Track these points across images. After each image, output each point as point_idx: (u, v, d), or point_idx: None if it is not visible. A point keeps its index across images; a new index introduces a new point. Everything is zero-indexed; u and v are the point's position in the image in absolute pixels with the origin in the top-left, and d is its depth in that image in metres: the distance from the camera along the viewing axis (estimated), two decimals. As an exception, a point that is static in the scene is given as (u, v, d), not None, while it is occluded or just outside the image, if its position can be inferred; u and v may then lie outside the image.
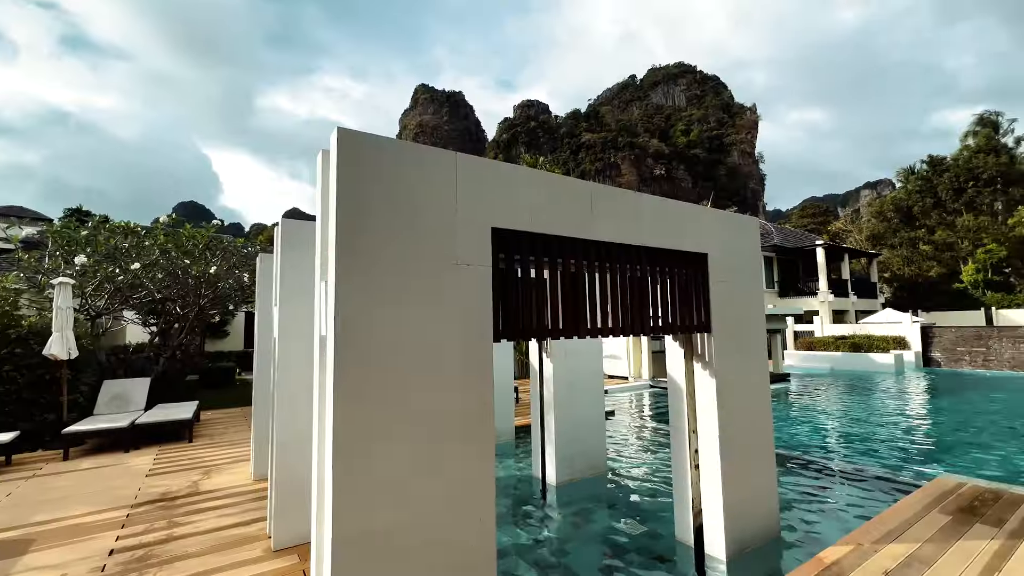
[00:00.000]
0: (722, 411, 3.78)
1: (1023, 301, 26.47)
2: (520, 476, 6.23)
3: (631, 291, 3.44)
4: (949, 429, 9.32)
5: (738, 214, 4.19)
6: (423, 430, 2.30)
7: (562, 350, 5.68)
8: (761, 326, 4.20)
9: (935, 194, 33.07)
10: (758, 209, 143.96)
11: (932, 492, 4.76)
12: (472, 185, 2.62)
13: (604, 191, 3.24)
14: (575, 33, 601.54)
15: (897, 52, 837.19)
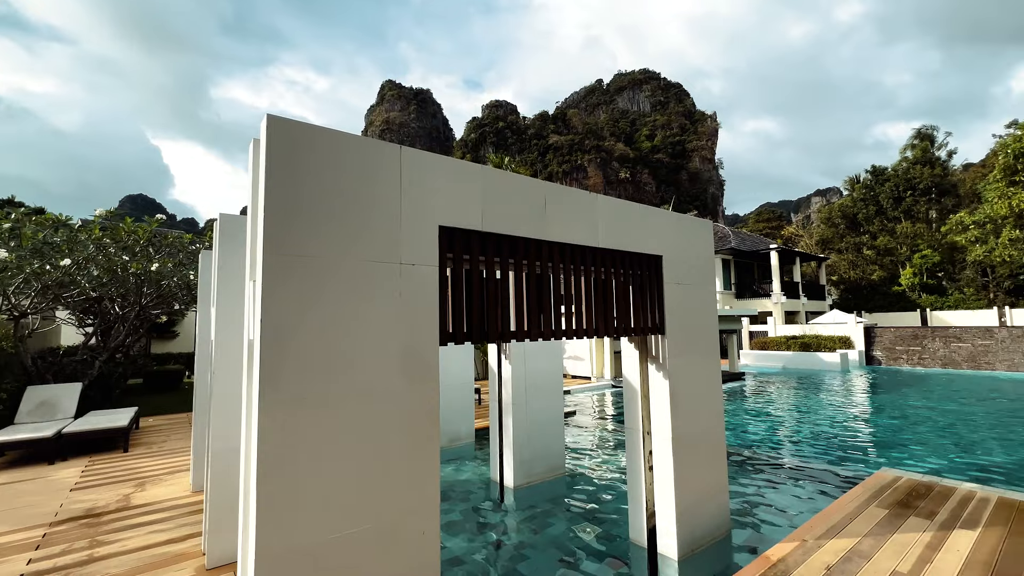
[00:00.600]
0: (675, 412, 3.80)
1: (953, 303, 28.54)
2: (479, 480, 6.12)
3: (585, 293, 3.40)
4: (889, 424, 9.85)
5: (692, 216, 4.23)
6: (359, 441, 2.16)
7: (521, 352, 5.61)
8: (714, 328, 4.26)
9: (877, 202, 35.20)
10: (718, 214, 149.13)
11: (872, 486, 4.97)
12: (418, 181, 2.50)
13: (558, 191, 3.18)
14: (541, 35, 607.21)
15: (842, 68, 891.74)
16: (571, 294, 3.28)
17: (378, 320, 2.27)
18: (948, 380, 16.10)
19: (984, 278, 28.15)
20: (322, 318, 2.11)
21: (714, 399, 4.17)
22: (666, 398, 3.78)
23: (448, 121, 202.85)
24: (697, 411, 4.00)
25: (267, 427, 1.93)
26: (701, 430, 4.01)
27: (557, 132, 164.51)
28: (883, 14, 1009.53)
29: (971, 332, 18.72)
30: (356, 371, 2.18)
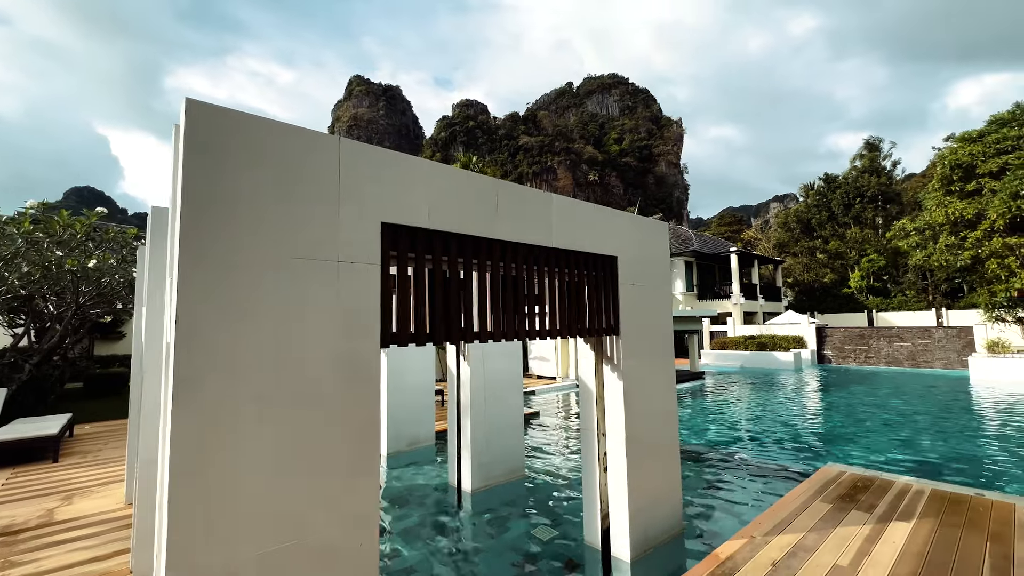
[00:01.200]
0: (629, 413, 3.80)
1: (897, 305, 30.29)
2: (437, 484, 5.99)
3: (539, 294, 3.34)
4: (837, 421, 10.29)
5: (647, 218, 4.26)
6: (289, 450, 2.03)
7: (480, 353, 5.53)
8: (668, 329, 4.30)
9: (829, 208, 37.01)
10: (682, 217, 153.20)
11: (818, 481, 5.14)
12: (359, 175, 2.38)
13: (511, 189, 3.12)
14: (511, 36, 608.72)
15: (796, 80, 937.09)
16: (526, 295, 3.22)
17: (312, 321, 2.14)
18: (891, 378, 17.03)
19: (924, 281, 30.00)
20: (247, 319, 1.97)
21: (668, 399, 4.21)
22: (620, 399, 3.78)
23: (418, 119, 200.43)
24: (651, 412, 4.02)
25: (180, 436, 1.77)
26: (655, 430, 4.04)
27: (528, 133, 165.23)
28: (834, 29, 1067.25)
29: (912, 332, 19.88)
30: (286, 375, 2.05)
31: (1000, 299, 16.44)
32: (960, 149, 16.41)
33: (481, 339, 2.99)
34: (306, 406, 2.08)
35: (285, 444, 2.01)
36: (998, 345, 16.36)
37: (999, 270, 15.38)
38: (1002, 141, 15.54)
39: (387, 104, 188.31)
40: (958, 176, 16.35)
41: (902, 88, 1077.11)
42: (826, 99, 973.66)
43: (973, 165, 15.96)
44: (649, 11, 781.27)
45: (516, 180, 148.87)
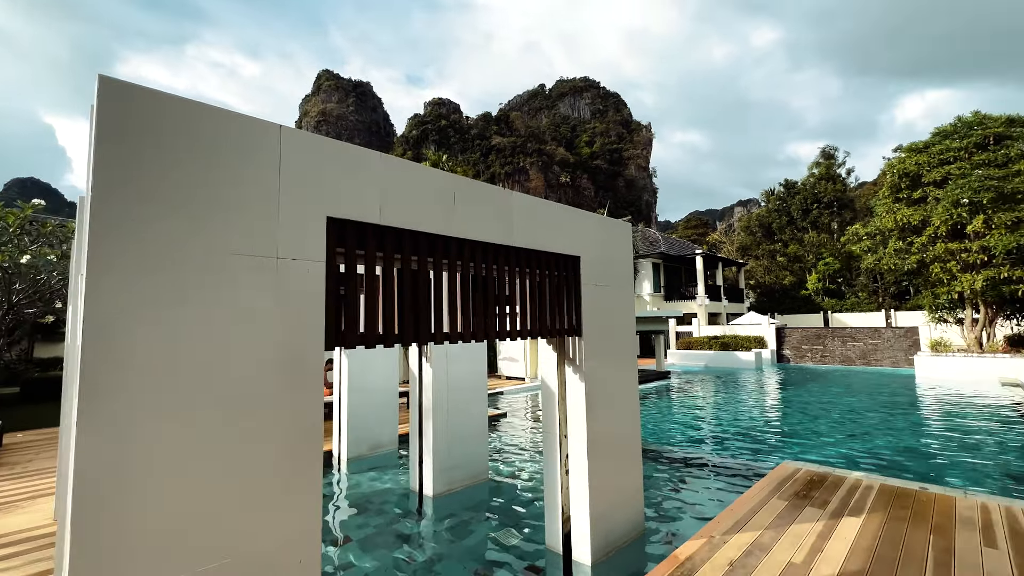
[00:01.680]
0: (591, 415, 3.76)
1: (850, 306, 31.80)
2: (398, 489, 5.82)
3: (499, 293, 3.25)
4: (794, 419, 10.64)
5: (611, 218, 4.24)
6: (219, 461, 1.86)
7: (443, 354, 5.39)
8: (631, 329, 4.28)
9: (789, 213, 38.53)
10: (651, 220, 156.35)
11: (774, 479, 5.25)
12: (303, 165, 2.22)
13: (469, 186, 3.01)
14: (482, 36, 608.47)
15: (757, 89, 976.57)
16: (479, 295, 3.12)
17: (246, 321, 1.98)
18: (844, 376, 17.80)
19: (875, 284, 31.60)
20: (168, 318, 1.79)
21: (630, 401, 4.19)
22: (582, 401, 3.73)
23: (389, 116, 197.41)
24: (613, 413, 3.99)
25: (86, 446, 1.59)
26: (617, 432, 4.01)
27: (500, 134, 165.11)
28: (792, 42, 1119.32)
29: (863, 332, 20.86)
30: (215, 380, 1.88)
31: (942, 301, 17.43)
32: (907, 159, 17.34)
33: (437, 340, 2.88)
34: (238, 414, 1.92)
35: (213, 457, 1.85)
36: (941, 344, 17.35)
37: (942, 274, 16.30)
38: (945, 152, 16.49)
39: (357, 100, 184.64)
40: (906, 184, 17.25)
41: (854, 100, 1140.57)
42: (785, 108, 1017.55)
43: (919, 174, 16.88)
44: (618, 17, 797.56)
45: (489, 180, 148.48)
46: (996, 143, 16.00)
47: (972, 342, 16.58)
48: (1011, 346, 15.94)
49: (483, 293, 3.12)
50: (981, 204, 14.85)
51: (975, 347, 16.42)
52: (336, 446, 6.91)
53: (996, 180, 14.67)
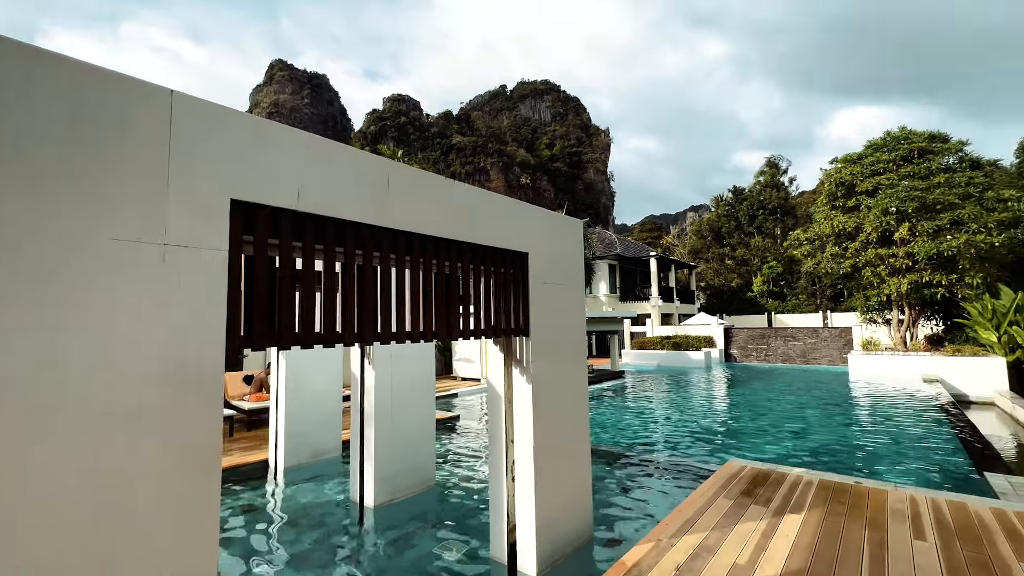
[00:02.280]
0: (538, 418, 3.60)
1: (791, 308, 33.65)
2: (338, 500, 5.46)
3: (439, 290, 3.03)
4: (740, 416, 10.99)
5: (561, 214, 4.11)
6: (85, 486, 1.54)
7: (387, 355, 5.09)
8: (581, 329, 4.17)
9: (737, 219, 40.37)
10: (608, 222, 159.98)
11: (721, 477, 5.30)
12: (201, 138, 1.92)
13: (405, 172, 2.77)
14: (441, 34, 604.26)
15: (708, 99, 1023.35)
16: (417, 292, 2.89)
17: (125, 318, 1.67)
18: (786, 373, 18.71)
19: (813, 286, 33.56)
20: (20, 315, 1.46)
21: (580, 403, 4.07)
22: (529, 403, 3.57)
23: (346, 111, 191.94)
24: (561, 416, 3.85)
25: None
26: (565, 436, 3.87)
27: (461, 133, 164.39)
28: (739, 56, 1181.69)
29: (803, 332, 22.04)
30: (82, 388, 1.56)
31: (873, 303, 18.67)
32: (843, 169, 18.46)
33: (366, 341, 2.62)
34: (114, 427, 1.61)
35: (77, 478, 1.53)
36: (871, 344, 18.56)
37: (872, 277, 17.44)
38: (876, 164, 17.67)
39: (313, 93, 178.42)
40: (841, 193, 18.36)
41: (794, 114, 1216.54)
42: (732, 118, 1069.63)
43: (853, 184, 18.01)
44: (575, 23, 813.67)
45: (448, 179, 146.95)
46: (920, 157, 17.29)
47: (898, 341, 17.83)
48: (930, 344, 17.26)
49: (422, 291, 2.89)
50: (907, 213, 15.98)
51: (900, 346, 17.67)
52: (272, 455, 6.43)
53: (920, 191, 15.84)
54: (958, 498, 4.57)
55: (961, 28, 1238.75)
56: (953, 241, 14.99)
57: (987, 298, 15.01)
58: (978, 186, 15.61)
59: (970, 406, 12.76)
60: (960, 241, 14.85)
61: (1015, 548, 3.57)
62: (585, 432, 4.13)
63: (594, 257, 28.58)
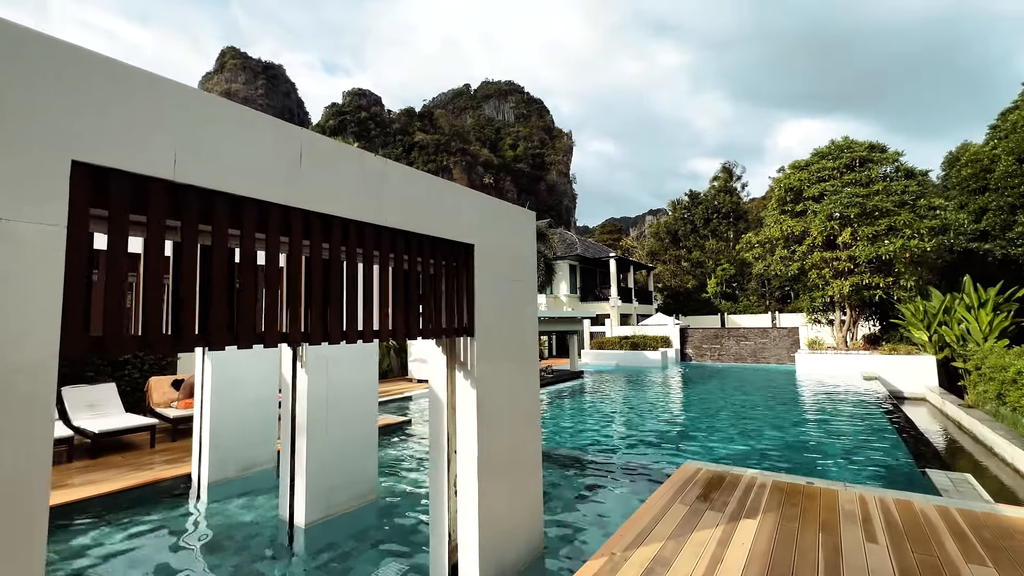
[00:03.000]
0: (484, 426, 3.27)
1: (743, 308, 34.95)
2: (268, 518, 4.93)
3: (365, 284, 2.65)
4: (696, 416, 11.07)
5: (511, 204, 3.80)
6: None
7: (322, 359, 4.62)
8: (532, 329, 3.87)
9: (692, 222, 41.62)
10: (570, 224, 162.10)
11: (677, 481, 5.15)
12: (28, 82, 1.47)
13: (324, 146, 2.38)
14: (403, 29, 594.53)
15: (664, 106, 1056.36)
16: (337, 285, 2.50)
17: None
18: (738, 372, 19.25)
19: (763, 288, 34.98)
20: None
21: (530, 408, 3.77)
22: (474, 410, 3.23)
23: (304, 103, 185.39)
24: (510, 423, 3.54)
25: None
26: (514, 445, 3.57)
27: (424, 130, 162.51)
28: (692, 66, 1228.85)
29: (754, 332, 22.81)
30: None
31: (818, 304, 19.52)
32: (792, 175, 19.23)
33: (268, 343, 2.22)
34: None
35: None
36: (816, 343, 19.39)
37: (817, 279, 18.22)
38: (821, 170, 18.49)
39: (268, 83, 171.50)
40: (790, 198, 19.10)
41: (743, 124, 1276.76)
42: (687, 126, 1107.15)
43: (801, 189, 18.77)
44: (536, 25, 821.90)
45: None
46: (861, 165, 18.21)
47: (840, 341, 18.71)
48: (868, 344, 18.21)
49: (341, 284, 2.50)
50: (849, 218, 16.77)
51: (842, 345, 18.55)
52: (196, 468, 5.80)
53: (860, 198, 16.66)
54: (904, 496, 4.60)
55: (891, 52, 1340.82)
56: (890, 246, 15.83)
57: (919, 300, 15.95)
58: (912, 194, 16.57)
59: (904, 402, 13.47)
60: (896, 246, 15.70)
61: (962, 548, 3.56)
62: (536, 440, 3.84)
63: (555, 257, 28.59)
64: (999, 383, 10.87)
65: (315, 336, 2.41)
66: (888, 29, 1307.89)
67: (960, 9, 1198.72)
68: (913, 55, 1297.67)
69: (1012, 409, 10.30)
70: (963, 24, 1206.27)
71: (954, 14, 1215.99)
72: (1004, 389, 10.64)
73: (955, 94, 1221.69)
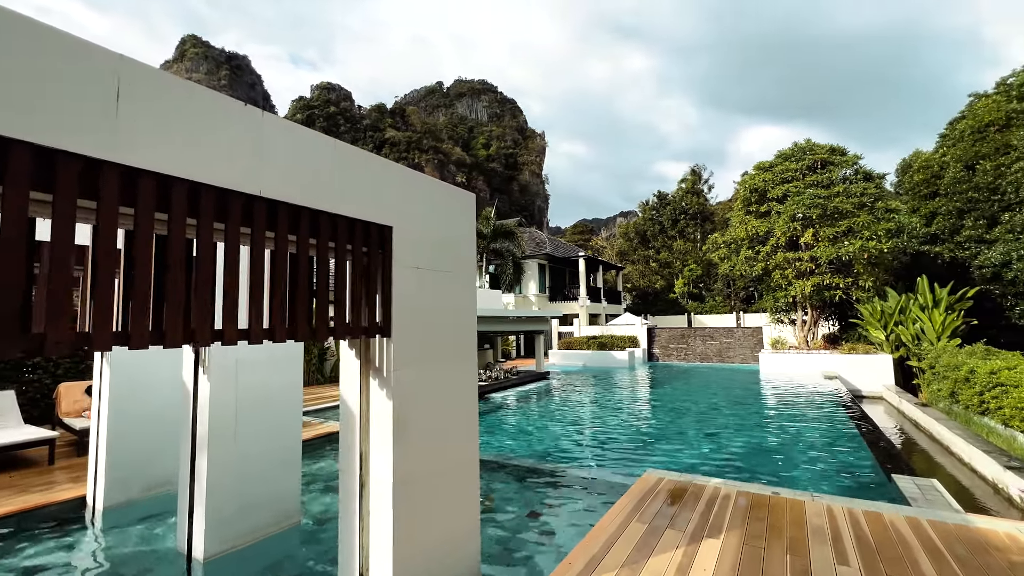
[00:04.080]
0: (401, 441, 2.72)
1: (709, 308, 35.44)
2: (165, 550, 4.22)
3: (275, 275, 2.07)
4: (660, 418, 10.79)
5: (444, 182, 3.27)
6: None
7: (230, 362, 3.97)
8: (469, 329, 3.35)
9: (661, 223, 42.01)
10: (543, 224, 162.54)
11: (637, 494, 4.73)
12: None
13: (156, 79, 1.79)
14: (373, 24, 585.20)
15: (632, 109, 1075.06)
16: (197, 275, 1.91)
17: None
18: (704, 372, 19.28)
19: (728, 289, 35.57)
20: None
21: (463, 420, 3.24)
22: (389, 424, 2.68)
23: (270, 96, 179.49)
24: (437, 438, 3.00)
25: None
26: (442, 463, 3.03)
27: (395, 127, 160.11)
28: (659, 71, 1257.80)
29: (720, 332, 22.99)
30: None
31: (780, 304, 19.76)
32: (756, 176, 19.41)
33: (98, 346, 1.63)
34: None
35: None
36: (779, 343, 19.62)
37: (781, 280, 18.42)
38: (785, 172, 18.72)
39: (231, 74, 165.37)
40: (755, 199, 19.27)
41: (707, 130, 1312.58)
42: (654, 130, 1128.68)
43: (765, 190, 18.94)
44: (506, 24, 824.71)
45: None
46: (822, 167, 18.51)
47: (802, 340, 18.98)
48: (828, 343, 18.53)
49: (195, 272, 1.91)
50: (811, 219, 16.98)
51: (804, 345, 18.81)
52: (91, 490, 5.01)
53: (822, 199, 16.89)
54: (873, 507, 4.31)
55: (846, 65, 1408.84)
56: (850, 247, 16.09)
57: (877, 300, 16.28)
58: (870, 196, 16.92)
59: (863, 400, 13.64)
60: (855, 247, 15.96)
61: (937, 568, 3.24)
62: (473, 456, 3.32)
63: (524, 256, 28.18)
64: (952, 382, 11.04)
65: (173, 339, 1.83)
66: (843, 43, 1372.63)
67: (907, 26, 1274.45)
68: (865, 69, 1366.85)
69: (964, 407, 10.46)
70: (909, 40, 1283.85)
71: (902, 31, 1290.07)
72: (957, 388, 10.80)
73: (903, 105, 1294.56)
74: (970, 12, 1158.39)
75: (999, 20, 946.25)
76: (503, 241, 25.88)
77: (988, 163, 17.94)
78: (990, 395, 9.15)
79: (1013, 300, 15.64)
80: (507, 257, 25.71)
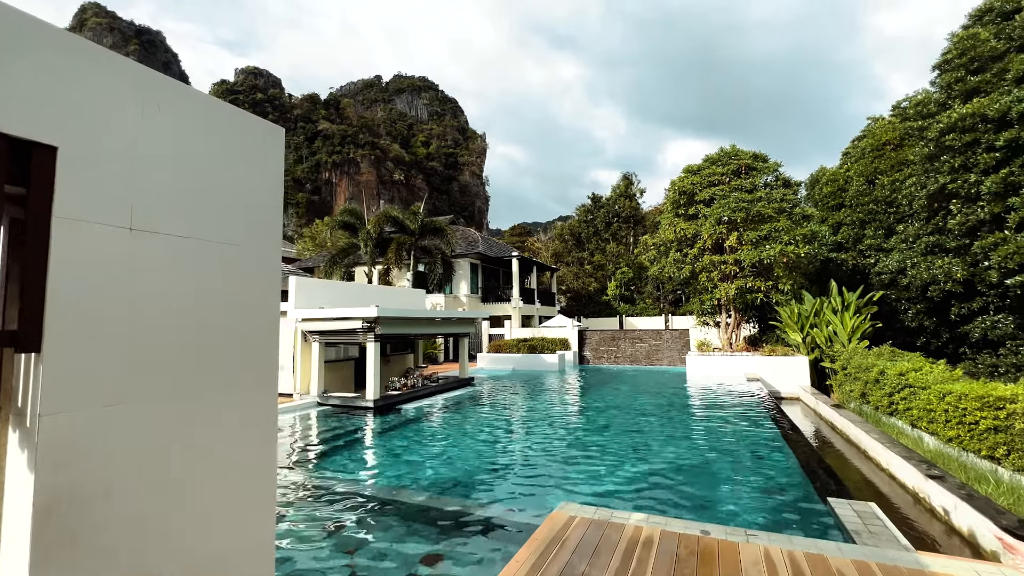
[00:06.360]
0: (39, 547, 1.46)
1: (639, 311, 36.11)
2: None
3: None
4: (582, 433, 9.96)
5: (224, 101, 2.03)
6: None
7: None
8: (265, 342, 2.13)
9: (595, 225, 42.43)
10: (483, 226, 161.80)
11: (543, 540, 3.73)
12: None
13: None
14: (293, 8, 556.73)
15: (566, 115, 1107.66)
16: None
17: None
18: (633, 377, 19.04)
19: (658, 291, 36.43)
20: None
21: (247, 490, 2.00)
22: (27, 520, 1.40)
23: (188, 78, 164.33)
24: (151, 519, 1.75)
25: None
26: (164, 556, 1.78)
27: (329, 119, 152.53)
28: (589, 81, 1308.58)
29: (649, 334, 23.05)
30: None
31: (706, 306, 20.01)
32: (685, 178, 19.59)
33: None
34: None
35: None
36: (704, 345, 19.85)
37: (707, 282, 18.61)
38: (712, 175, 18.98)
39: (142, 50, 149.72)
40: (684, 201, 19.40)
41: (636, 140, 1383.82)
42: (588, 137, 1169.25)
43: (693, 193, 19.10)
44: (442, 20, 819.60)
45: (313, 168, 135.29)
46: (746, 172, 18.95)
47: (725, 342, 19.30)
48: (750, 345, 18.97)
49: None
50: (735, 223, 17.22)
51: (727, 347, 19.14)
52: None
53: (746, 203, 17.18)
54: (815, 548, 3.59)
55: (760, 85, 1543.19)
56: (770, 251, 16.44)
57: (794, 303, 16.78)
58: (789, 202, 17.46)
59: (782, 401, 13.79)
60: (775, 251, 16.33)
61: (907, 648, 2.48)
62: (267, 543, 2.09)
63: (455, 255, 26.92)
64: (863, 383, 11.25)
65: None
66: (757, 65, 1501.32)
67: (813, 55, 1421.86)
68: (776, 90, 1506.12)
69: (875, 408, 10.64)
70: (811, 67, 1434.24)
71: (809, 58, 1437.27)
72: (867, 389, 10.99)
73: (807, 128, 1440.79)
74: (859, 47, 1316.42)
75: (879, 56, 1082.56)
76: (432, 238, 24.48)
77: (885, 178, 19.22)
78: (899, 396, 9.23)
79: (907, 304, 16.69)
80: (436, 255, 24.33)
